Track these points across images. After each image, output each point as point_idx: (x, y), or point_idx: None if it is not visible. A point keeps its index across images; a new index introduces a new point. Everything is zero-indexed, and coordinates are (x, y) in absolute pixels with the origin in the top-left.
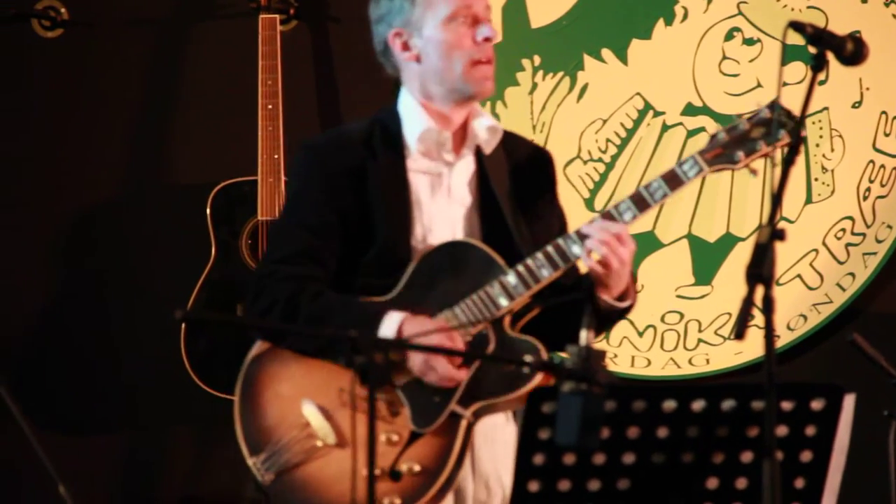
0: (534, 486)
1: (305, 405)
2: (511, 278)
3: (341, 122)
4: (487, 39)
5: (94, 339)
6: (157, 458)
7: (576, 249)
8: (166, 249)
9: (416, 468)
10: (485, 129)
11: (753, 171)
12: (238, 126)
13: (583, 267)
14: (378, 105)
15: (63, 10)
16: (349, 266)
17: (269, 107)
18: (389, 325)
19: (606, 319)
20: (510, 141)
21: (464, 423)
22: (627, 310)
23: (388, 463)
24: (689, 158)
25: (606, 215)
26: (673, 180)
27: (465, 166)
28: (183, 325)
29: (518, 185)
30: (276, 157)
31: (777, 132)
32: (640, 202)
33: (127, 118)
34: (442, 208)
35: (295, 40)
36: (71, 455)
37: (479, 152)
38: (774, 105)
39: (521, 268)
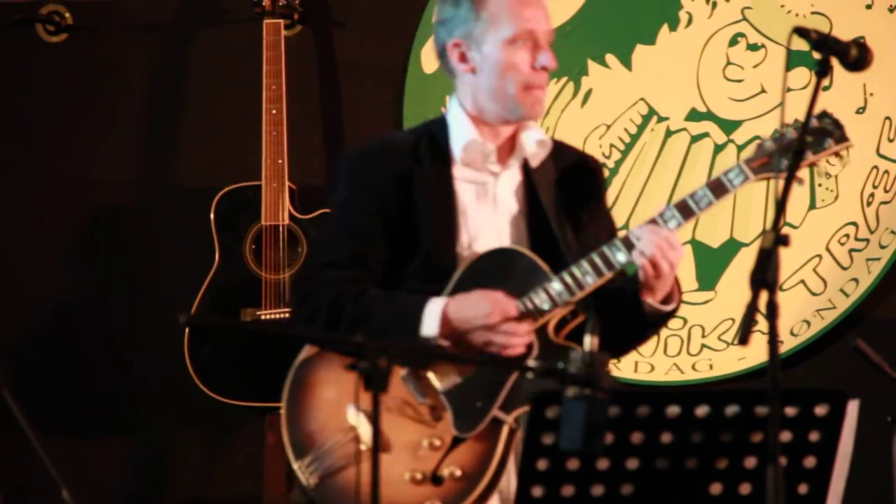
0: (537, 492)
1: (350, 409)
2: (556, 285)
3: (344, 127)
4: (545, 68)
5: (98, 343)
6: (160, 463)
7: (620, 257)
8: (170, 254)
9: (458, 473)
10: (533, 142)
11: (799, 181)
12: (242, 131)
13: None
14: (381, 109)
15: (68, 14)
16: (396, 273)
17: (274, 111)
18: (433, 310)
19: (651, 323)
20: (557, 149)
21: (506, 429)
22: (672, 313)
23: (430, 467)
24: (735, 167)
25: (652, 222)
26: (718, 189)
27: (512, 176)
28: (186, 330)
29: (564, 194)
30: (279, 161)
31: (824, 141)
32: (685, 210)
33: (131, 123)
34: (488, 217)
35: (299, 45)
36: (74, 459)
37: (526, 162)
38: (822, 114)
39: (566, 275)
